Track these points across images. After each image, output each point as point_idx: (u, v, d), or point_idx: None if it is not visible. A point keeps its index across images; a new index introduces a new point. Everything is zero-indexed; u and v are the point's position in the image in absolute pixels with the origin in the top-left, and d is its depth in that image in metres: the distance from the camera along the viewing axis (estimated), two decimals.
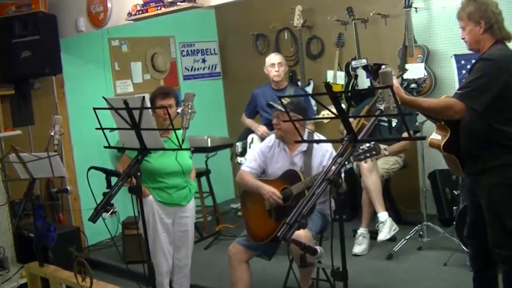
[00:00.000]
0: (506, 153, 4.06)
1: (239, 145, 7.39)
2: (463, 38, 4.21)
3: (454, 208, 6.34)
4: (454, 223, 5.92)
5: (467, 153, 4.22)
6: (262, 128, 7.17)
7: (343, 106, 3.51)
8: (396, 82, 3.77)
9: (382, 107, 3.23)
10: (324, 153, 5.17)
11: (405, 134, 6.61)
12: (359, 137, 3.05)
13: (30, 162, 5.09)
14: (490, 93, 3.91)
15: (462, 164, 4.29)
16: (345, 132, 5.59)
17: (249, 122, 7.48)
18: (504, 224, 4.07)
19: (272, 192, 5.05)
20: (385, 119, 6.80)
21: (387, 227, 6.35)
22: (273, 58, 7.21)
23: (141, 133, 3.98)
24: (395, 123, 6.93)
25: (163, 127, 4.66)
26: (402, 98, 3.81)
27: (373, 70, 3.65)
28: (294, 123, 3.61)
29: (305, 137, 5.23)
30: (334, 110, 3.07)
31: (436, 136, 4.36)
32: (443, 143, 4.24)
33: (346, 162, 3.11)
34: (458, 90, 3.99)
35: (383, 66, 3.80)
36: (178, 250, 5.30)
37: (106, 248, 7.68)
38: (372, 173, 6.48)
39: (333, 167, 2.95)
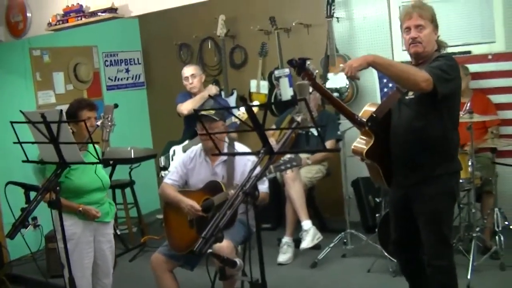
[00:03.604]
0: (448, 161, 4.07)
1: (162, 159, 7.30)
2: (415, 38, 3.97)
3: (376, 215, 6.42)
4: (377, 230, 6.01)
5: (404, 163, 4.11)
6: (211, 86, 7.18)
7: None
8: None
9: (299, 119, 3.26)
10: (246, 162, 5.18)
11: (328, 143, 6.68)
12: (276, 150, 3.06)
13: None
14: (453, 85, 3.88)
15: (386, 175, 4.19)
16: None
17: (189, 101, 7.06)
18: (444, 235, 4.06)
19: (190, 205, 5.08)
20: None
21: (310, 236, 6.40)
22: (186, 71, 7.12)
23: (59, 147, 3.93)
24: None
25: (82, 140, 4.58)
26: (371, 58, 3.78)
27: (297, 64, 3.61)
28: (211, 136, 3.58)
29: (225, 148, 5.22)
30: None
31: (359, 143, 4.20)
32: (366, 150, 4.07)
33: (268, 173, 3.13)
34: (428, 66, 3.84)
35: (308, 62, 3.76)
36: (98, 267, 5.13)
37: (30, 263, 7.51)
38: (295, 182, 6.52)
39: (250, 180, 2.95)
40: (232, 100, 8.28)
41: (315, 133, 6.87)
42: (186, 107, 6.96)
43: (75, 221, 4.84)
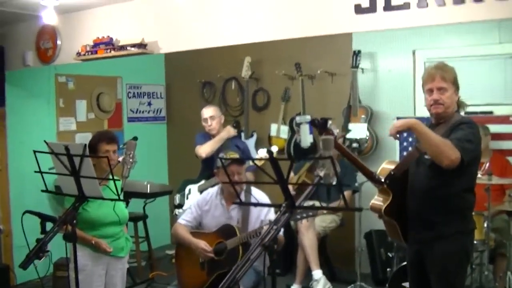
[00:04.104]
0: (461, 220, 4.09)
1: (177, 197, 7.27)
2: (437, 100, 4.05)
3: (388, 269, 6.39)
4: (387, 285, 5.97)
5: (419, 219, 4.15)
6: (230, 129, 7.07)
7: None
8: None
9: (321, 174, 3.25)
10: (262, 208, 5.20)
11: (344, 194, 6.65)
12: (297, 203, 3.06)
13: None
14: (476, 151, 3.99)
15: (403, 231, 4.24)
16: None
17: (208, 143, 6.95)
18: None
19: (201, 248, 5.13)
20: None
21: (321, 285, 6.41)
22: (205, 113, 7.06)
23: (80, 180, 3.94)
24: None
25: (102, 174, 4.58)
26: (412, 123, 3.89)
27: (319, 124, 3.65)
28: (233, 185, 3.60)
29: (243, 194, 5.22)
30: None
31: (377, 200, 4.26)
32: (384, 207, 4.13)
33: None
34: (455, 138, 3.90)
35: (329, 122, 3.80)
36: None
37: None
38: (309, 231, 6.52)
39: (270, 232, 2.95)
40: (251, 142, 8.29)
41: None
42: (204, 150, 6.89)
43: (88, 253, 4.83)
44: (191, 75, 9.36)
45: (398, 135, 4.03)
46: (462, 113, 4.27)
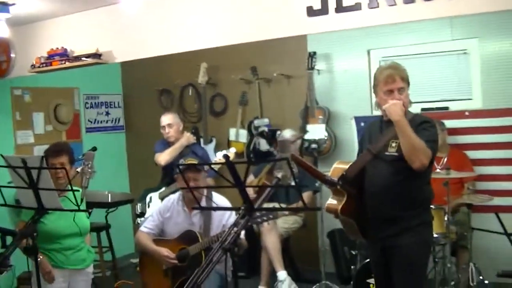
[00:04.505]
0: (423, 212, 4.23)
1: (138, 206, 7.26)
2: (398, 100, 4.11)
3: (352, 267, 6.44)
4: (352, 282, 6.02)
5: (383, 216, 4.20)
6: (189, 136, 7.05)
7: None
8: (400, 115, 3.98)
9: (279, 175, 3.29)
10: (224, 212, 5.23)
11: (304, 195, 6.70)
12: (256, 205, 3.09)
13: None
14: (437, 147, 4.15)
15: (361, 228, 4.26)
16: None
17: (167, 151, 6.97)
18: (419, 285, 4.16)
19: (165, 256, 5.17)
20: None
21: (286, 286, 6.44)
22: (163, 120, 7.08)
23: (38, 193, 3.92)
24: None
25: (59, 186, 4.56)
26: (400, 113, 3.99)
27: (268, 136, 3.70)
28: (191, 190, 3.61)
29: (203, 200, 5.24)
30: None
31: (332, 201, 4.27)
32: (340, 208, 4.15)
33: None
34: (425, 141, 4.01)
35: (278, 132, 3.85)
36: None
37: None
38: (272, 233, 6.55)
39: (230, 236, 2.97)
40: (210, 148, 8.31)
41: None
42: (163, 158, 6.92)
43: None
44: (148, 83, 9.34)
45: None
46: (412, 110, 4.36)
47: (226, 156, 3.03)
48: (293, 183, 3.27)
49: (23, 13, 6.21)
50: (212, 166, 5.32)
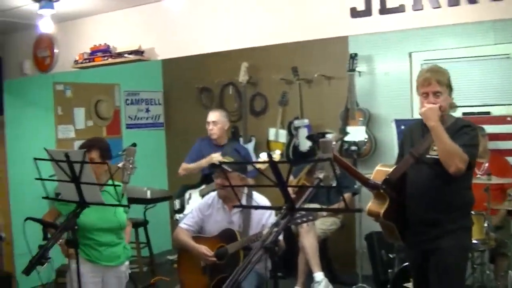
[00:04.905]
0: (463, 217, 4.19)
1: (177, 202, 7.27)
2: (434, 104, 4.08)
3: (389, 270, 6.40)
4: (389, 286, 5.99)
5: (423, 219, 4.19)
6: (212, 155, 6.90)
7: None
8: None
9: (321, 176, 3.27)
10: (264, 212, 5.22)
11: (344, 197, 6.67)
12: (297, 205, 3.08)
13: None
14: (477, 152, 4.14)
15: (401, 232, 4.27)
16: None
17: (191, 165, 7.13)
18: None
19: (203, 253, 5.16)
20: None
21: (322, 287, 6.40)
22: (209, 116, 7.11)
23: (80, 187, 3.95)
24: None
25: (98, 180, 4.55)
26: (435, 119, 3.99)
27: (317, 139, 3.70)
28: (233, 189, 3.62)
29: (243, 198, 5.24)
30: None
31: (374, 205, 4.28)
32: (383, 212, 4.16)
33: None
34: (462, 145, 3.99)
35: (327, 135, 3.84)
36: None
37: None
38: (310, 234, 6.54)
39: (271, 235, 2.97)
40: (250, 147, 8.32)
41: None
42: (184, 167, 7.10)
43: (84, 260, 4.65)
44: (188, 81, 9.40)
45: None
46: (454, 115, 4.33)
47: (269, 155, 3.02)
48: (334, 184, 3.23)
49: (67, 10, 6.26)
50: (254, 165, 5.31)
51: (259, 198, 5.29)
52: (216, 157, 6.84)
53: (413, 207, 4.24)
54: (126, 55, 6.14)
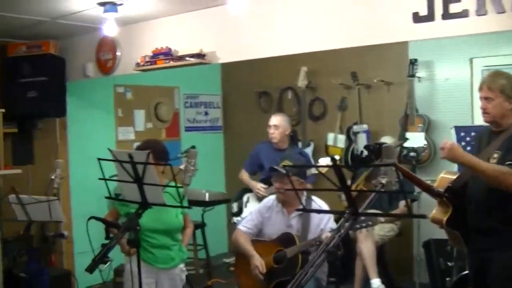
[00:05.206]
0: None
1: (234, 205, 7.31)
2: (484, 109, 4.11)
3: (447, 279, 6.33)
4: None
5: (480, 228, 4.14)
6: (259, 186, 7.12)
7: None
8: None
9: (384, 181, 3.26)
10: (322, 217, 5.20)
11: (402, 203, 6.65)
12: (360, 210, 3.07)
13: (29, 205, 5.09)
14: None
15: (466, 239, 4.24)
16: (343, 197, 5.62)
17: (245, 178, 7.34)
18: None
19: (256, 266, 5.15)
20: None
21: None
22: (271, 120, 7.14)
23: (143, 188, 3.99)
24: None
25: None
26: (460, 156, 3.96)
27: (375, 150, 3.70)
28: (297, 193, 3.64)
29: (303, 201, 5.22)
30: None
31: (437, 212, 4.27)
32: (445, 220, 4.16)
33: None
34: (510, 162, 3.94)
35: (385, 145, 3.83)
36: None
37: None
38: (367, 239, 6.51)
39: (334, 239, 2.96)
40: (309, 151, 8.30)
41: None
42: (240, 176, 7.40)
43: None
44: (247, 85, 9.45)
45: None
46: None
47: (333, 159, 3.02)
48: (397, 189, 3.22)
49: (131, 13, 6.34)
50: (314, 170, 5.31)
51: (319, 203, 5.28)
52: (260, 189, 6.92)
53: (472, 215, 4.20)
54: (187, 58, 6.20)
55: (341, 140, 8.17)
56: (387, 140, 7.13)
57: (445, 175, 4.32)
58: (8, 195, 5.34)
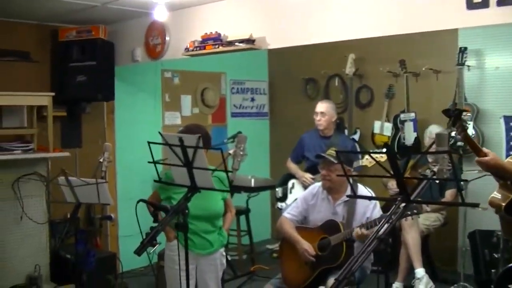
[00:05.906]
0: None
1: (279, 190, 7.33)
2: None
3: (492, 270, 6.27)
4: (492, 286, 5.86)
5: None
6: (306, 176, 7.12)
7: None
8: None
9: (435, 169, 3.24)
10: (368, 204, 5.17)
11: (449, 193, 6.62)
12: (412, 197, 3.06)
13: (77, 187, 5.15)
14: None
15: None
16: (389, 185, 5.59)
17: (293, 168, 7.38)
18: None
19: (305, 249, 5.14)
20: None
21: (423, 284, 6.36)
22: (318, 107, 7.18)
23: (193, 172, 4.01)
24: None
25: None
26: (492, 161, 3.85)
27: (454, 115, 3.57)
28: (348, 178, 3.63)
29: (348, 189, 5.22)
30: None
31: (497, 195, 4.06)
32: (505, 204, 3.96)
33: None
34: None
35: (464, 113, 3.75)
36: None
37: (139, 276, 7.69)
38: (413, 229, 6.48)
39: (385, 225, 2.96)
40: (355, 138, 8.28)
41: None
42: (287, 164, 7.46)
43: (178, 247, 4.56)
44: (294, 72, 9.44)
45: None
46: None
47: (388, 147, 3.01)
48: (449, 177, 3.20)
49: None
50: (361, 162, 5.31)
51: (365, 191, 5.26)
52: (307, 179, 6.91)
53: None
54: (237, 43, 6.19)
55: (388, 128, 8.12)
56: (434, 128, 7.06)
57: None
58: (57, 177, 5.39)
